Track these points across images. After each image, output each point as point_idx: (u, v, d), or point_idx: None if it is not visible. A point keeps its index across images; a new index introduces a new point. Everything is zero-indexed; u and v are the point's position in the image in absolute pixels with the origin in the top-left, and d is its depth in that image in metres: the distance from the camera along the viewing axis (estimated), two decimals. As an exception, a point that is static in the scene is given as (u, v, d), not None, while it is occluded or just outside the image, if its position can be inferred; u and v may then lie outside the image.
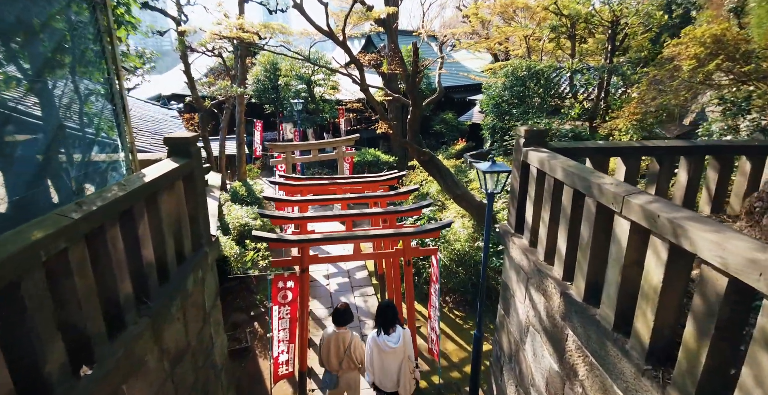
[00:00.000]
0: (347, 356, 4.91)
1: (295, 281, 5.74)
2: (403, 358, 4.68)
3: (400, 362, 4.68)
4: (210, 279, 4.28)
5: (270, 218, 6.10)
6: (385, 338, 4.63)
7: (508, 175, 5.29)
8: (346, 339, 4.93)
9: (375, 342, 4.67)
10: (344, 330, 4.95)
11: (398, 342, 4.61)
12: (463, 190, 9.27)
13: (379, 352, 4.65)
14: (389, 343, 4.59)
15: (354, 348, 4.91)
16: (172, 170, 3.49)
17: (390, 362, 4.65)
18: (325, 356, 5.01)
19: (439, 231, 5.83)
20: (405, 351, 4.69)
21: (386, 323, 4.65)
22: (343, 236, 5.65)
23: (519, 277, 4.26)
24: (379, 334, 4.67)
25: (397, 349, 4.59)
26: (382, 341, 4.62)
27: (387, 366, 4.66)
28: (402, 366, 4.69)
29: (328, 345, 4.95)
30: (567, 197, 3.34)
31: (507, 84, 11.79)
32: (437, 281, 6.26)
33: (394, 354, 4.63)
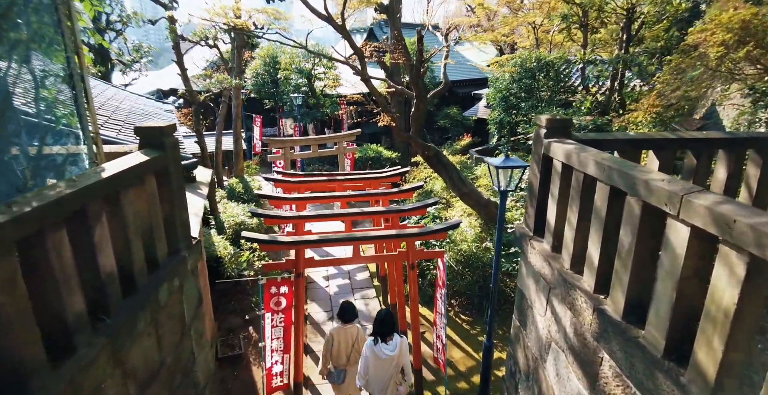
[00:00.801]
0: (354, 350, 5.04)
1: (289, 286, 5.27)
2: (396, 367, 4.70)
3: (395, 370, 4.69)
4: (190, 287, 3.81)
5: (263, 217, 5.64)
6: (382, 346, 4.59)
7: (524, 171, 4.79)
8: (354, 334, 5.06)
9: (372, 349, 4.61)
10: (350, 325, 5.05)
11: (395, 350, 4.59)
12: (470, 187, 8.77)
13: (375, 359, 4.60)
14: (386, 351, 4.56)
15: (361, 342, 5.02)
16: (141, 164, 3.01)
17: (384, 369, 4.63)
18: (335, 352, 5.05)
19: (445, 233, 5.35)
20: (400, 359, 4.68)
21: (384, 332, 4.60)
22: (341, 237, 5.17)
23: (538, 286, 3.76)
24: (377, 343, 4.62)
25: (393, 357, 4.58)
26: (379, 349, 4.58)
27: (380, 373, 4.64)
28: (393, 376, 4.71)
29: (337, 342, 5.01)
30: (601, 196, 2.84)
31: (515, 76, 11.26)
32: (444, 286, 5.77)
33: (389, 362, 4.60)
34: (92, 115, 3.31)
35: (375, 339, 4.62)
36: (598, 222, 2.88)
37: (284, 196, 6.55)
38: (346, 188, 7.54)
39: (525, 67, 10.88)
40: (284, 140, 11.66)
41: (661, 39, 10.15)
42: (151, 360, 3.12)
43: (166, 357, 3.34)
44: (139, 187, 3.08)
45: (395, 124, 7.98)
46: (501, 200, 4.96)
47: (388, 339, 4.59)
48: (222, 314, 8.24)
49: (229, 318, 8.09)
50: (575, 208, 3.18)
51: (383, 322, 4.60)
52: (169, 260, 3.46)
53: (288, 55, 16.76)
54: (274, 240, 4.89)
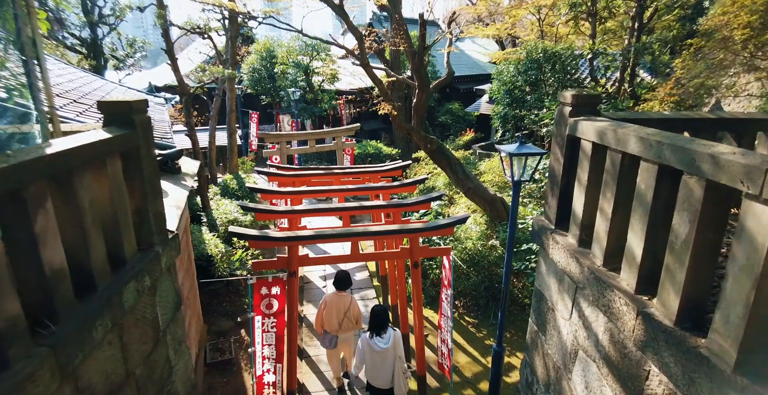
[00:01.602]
0: (346, 317, 5.43)
1: (281, 286, 4.80)
2: (394, 358, 4.82)
3: (392, 361, 4.83)
4: (166, 288, 3.35)
5: (253, 211, 5.19)
6: (377, 339, 4.75)
7: (540, 159, 4.33)
8: (346, 302, 5.42)
9: (367, 343, 4.79)
10: (344, 293, 5.43)
11: (388, 342, 4.74)
12: (475, 182, 8.31)
13: (371, 352, 4.79)
14: (380, 344, 4.73)
15: (352, 310, 5.46)
16: (100, 143, 2.55)
17: (381, 361, 4.80)
18: (327, 319, 5.41)
19: (452, 228, 4.89)
20: (395, 351, 4.82)
21: (379, 326, 4.77)
22: (339, 233, 4.72)
23: (562, 286, 3.31)
24: (372, 337, 4.77)
25: (387, 349, 4.74)
26: (374, 342, 4.75)
27: (378, 365, 4.83)
28: (395, 366, 4.84)
29: (330, 309, 5.37)
30: (647, 177, 2.38)
31: (521, 68, 10.81)
32: (450, 286, 5.32)
33: (384, 354, 4.77)
34: (47, 88, 2.85)
35: (370, 333, 4.78)
36: (642, 210, 2.42)
37: (278, 189, 6.09)
38: (344, 182, 7.09)
39: (531, 58, 10.42)
40: (280, 135, 11.20)
41: (673, 28, 9.71)
42: (114, 372, 2.65)
43: (133, 368, 2.88)
44: (98, 169, 2.63)
45: (396, 113, 7.52)
46: (514, 191, 4.50)
47: (382, 332, 4.74)
48: (212, 316, 7.77)
49: (219, 320, 7.61)
50: (610, 195, 2.72)
51: (378, 317, 4.76)
52: (139, 257, 3.00)
53: (285, 49, 16.29)
54: (264, 236, 4.43)
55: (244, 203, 5.29)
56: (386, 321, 4.79)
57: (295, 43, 16.19)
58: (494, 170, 9.84)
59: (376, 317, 4.75)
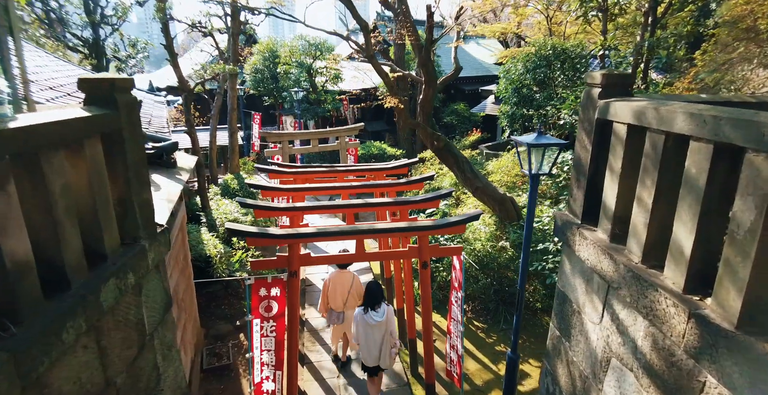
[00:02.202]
0: (350, 294, 5.63)
1: (281, 287, 4.50)
2: (385, 332, 5.00)
3: (383, 335, 5.00)
4: (153, 287, 3.05)
5: (252, 208, 4.90)
6: (371, 313, 4.91)
7: (559, 151, 4.03)
8: (349, 279, 5.62)
9: (362, 317, 4.95)
10: (346, 271, 5.65)
11: (383, 316, 4.92)
12: (483, 181, 8.00)
13: (365, 326, 4.95)
14: (374, 317, 4.89)
15: (355, 286, 5.65)
16: (76, 121, 2.27)
17: (374, 335, 4.97)
18: (332, 296, 5.69)
19: (464, 226, 4.58)
20: (388, 325, 5.00)
21: (373, 300, 4.92)
22: (342, 230, 4.41)
23: (590, 286, 2.99)
24: (366, 311, 4.93)
25: (381, 323, 4.92)
26: (369, 316, 4.90)
27: (371, 339, 4.98)
28: (384, 339, 5.01)
29: (334, 286, 5.63)
30: (698, 159, 2.08)
31: (529, 66, 10.52)
32: (460, 288, 5.00)
33: (378, 328, 4.94)
34: (21, 65, 2.57)
35: (365, 308, 4.95)
36: (692, 197, 2.11)
37: (278, 186, 5.80)
38: (348, 180, 6.79)
39: (540, 55, 10.14)
40: (282, 134, 10.94)
41: (688, 24, 9.41)
42: (90, 381, 2.35)
43: (114, 375, 2.57)
44: (74, 152, 2.34)
45: (402, 107, 7.24)
46: (532, 185, 4.19)
47: (377, 306, 4.92)
48: (210, 319, 7.46)
49: (217, 324, 7.30)
50: (650, 182, 2.41)
51: (372, 292, 4.95)
52: (121, 252, 2.70)
53: (288, 49, 16.07)
54: (262, 233, 4.13)
55: (243, 199, 5.01)
56: (380, 296, 5.00)
57: (298, 43, 15.98)
58: (503, 169, 9.53)
59: (371, 292, 4.97)
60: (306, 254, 4.44)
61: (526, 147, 3.98)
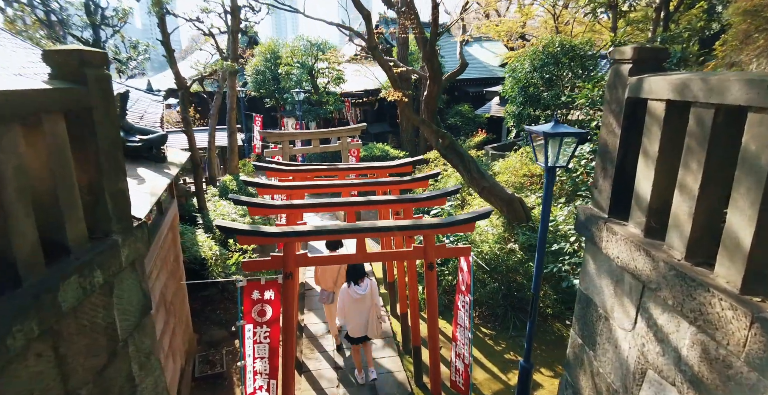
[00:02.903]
0: (340, 275, 5.83)
1: (276, 290, 4.17)
2: (370, 305, 5.23)
3: (369, 308, 5.22)
4: (128, 287, 2.72)
5: (246, 205, 4.59)
6: (355, 288, 5.14)
7: (578, 142, 3.70)
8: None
9: (347, 292, 5.18)
10: (336, 253, 5.65)
11: (366, 289, 5.15)
12: (490, 181, 7.68)
13: (351, 300, 5.17)
14: (358, 291, 5.12)
15: (344, 267, 5.61)
16: (31, 93, 1.96)
17: (360, 308, 5.18)
18: (323, 277, 5.96)
19: (473, 224, 4.25)
20: (372, 298, 5.24)
21: (356, 276, 5.16)
22: (343, 228, 4.09)
23: (621, 287, 2.65)
24: (350, 285, 5.17)
25: (365, 296, 5.15)
26: (353, 290, 5.13)
27: (357, 312, 5.19)
28: (370, 311, 5.22)
29: (324, 267, 5.87)
30: (760, 133, 1.74)
31: (536, 64, 10.22)
32: (469, 292, 4.65)
33: (363, 301, 5.17)
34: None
35: (348, 282, 5.18)
36: (753, 179, 1.78)
37: (275, 184, 5.48)
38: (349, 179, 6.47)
39: (547, 52, 9.84)
40: (282, 134, 10.66)
41: (701, 19, 9.11)
42: (46, 394, 2.02)
43: (77, 387, 2.24)
44: (30, 129, 2.03)
45: (405, 100, 6.94)
46: (548, 180, 3.85)
47: (360, 281, 5.15)
48: (204, 324, 7.12)
49: (212, 329, 6.96)
50: (696, 165, 2.08)
51: (354, 268, 5.14)
52: (89, 247, 2.39)
53: (289, 49, 15.85)
54: (255, 230, 3.81)
55: (236, 196, 4.70)
56: (362, 271, 5.20)
57: (299, 43, 15.76)
58: (510, 169, 9.20)
59: (354, 268, 5.19)
60: (302, 255, 4.11)
61: (542, 137, 3.65)
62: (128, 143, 4.44)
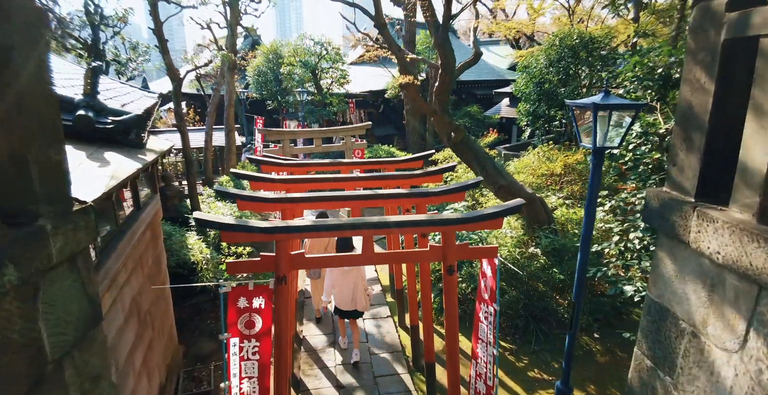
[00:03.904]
0: (326, 250, 5.94)
1: (267, 297, 3.51)
2: (358, 277, 5.33)
3: (356, 280, 5.32)
4: (65, 290, 2.07)
5: (232, 198, 3.96)
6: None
7: (634, 117, 3.04)
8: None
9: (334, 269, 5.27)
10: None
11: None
12: (509, 179, 7.03)
13: (339, 272, 5.29)
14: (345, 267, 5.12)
15: (332, 243, 5.83)
16: None
17: (348, 280, 5.30)
18: (309, 251, 5.86)
19: (501, 220, 3.59)
20: (359, 271, 5.37)
21: (345, 248, 5.16)
22: (347, 224, 3.44)
23: (720, 293, 1.97)
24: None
25: (352, 269, 5.24)
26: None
27: (345, 284, 5.32)
28: (357, 284, 5.34)
29: (313, 243, 5.96)
30: None
31: (553, 58, 9.62)
32: (493, 301, 3.97)
33: (350, 274, 5.29)
34: None
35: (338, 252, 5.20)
36: None
37: (270, 177, 4.86)
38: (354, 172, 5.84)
39: (565, 45, 9.25)
40: (283, 132, 10.07)
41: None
42: None
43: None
44: None
45: (418, 83, 6.33)
46: (594, 164, 3.19)
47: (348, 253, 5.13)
48: (193, 336, 6.44)
49: (200, 341, 6.28)
50: None
51: (344, 241, 5.18)
52: (2, 234, 1.74)
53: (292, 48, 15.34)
54: (240, 225, 3.17)
55: (223, 187, 4.08)
56: (351, 244, 5.24)
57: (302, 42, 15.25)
58: (527, 169, 8.54)
59: (343, 241, 5.21)
60: (298, 255, 3.46)
61: (587, 112, 3.00)
62: (98, 125, 3.83)
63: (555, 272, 6.27)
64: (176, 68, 7.79)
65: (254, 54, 17.87)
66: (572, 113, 3.27)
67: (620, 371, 5.76)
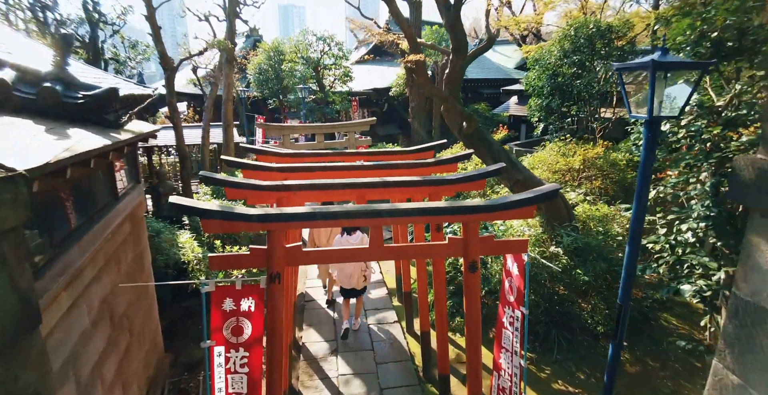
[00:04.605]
0: (331, 235, 6.06)
1: (258, 299, 2.98)
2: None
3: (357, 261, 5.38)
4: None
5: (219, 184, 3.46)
6: (348, 238, 5.46)
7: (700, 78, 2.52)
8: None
9: (339, 242, 5.50)
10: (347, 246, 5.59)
11: (356, 240, 5.44)
12: (525, 173, 6.50)
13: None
14: (351, 240, 5.43)
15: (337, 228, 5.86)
16: None
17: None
18: (316, 236, 6.22)
19: (533, 207, 3.06)
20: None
21: (350, 227, 5.36)
22: (352, 211, 2.92)
23: None
24: (343, 235, 5.51)
25: (356, 245, 5.20)
26: (345, 240, 5.45)
27: (347, 263, 5.44)
28: (359, 265, 5.54)
29: (318, 231, 6.20)
30: None
31: (568, 48, 9.13)
32: (521, 304, 3.43)
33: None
34: None
35: (342, 232, 5.52)
36: None
37: (266, 165, 4.34)
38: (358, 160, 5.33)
39: (580, 35, 8.75)
40: (283, 127, 9.58)
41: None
42: None
43: None
44: None
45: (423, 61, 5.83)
46: (648, 138, 2.66)
47: (352, 232, 5.45)
48: (183, 342, 5.91)
49: (190, 348, 5.74)
50: None
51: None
52: None
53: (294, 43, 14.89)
54: (223, 212, 2.66)
55: (209, 173, 3.57)
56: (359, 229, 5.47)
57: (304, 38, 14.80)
58: (544, 164, 8.01)
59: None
60: (294, 248, 2.93)
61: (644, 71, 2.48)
62: (66, 99, 3.34)
63: (579, 273, 5.72)
64: (170, 58, 7.32)
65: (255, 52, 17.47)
66: (620, 77, 2.75)
67: (653, 382, 5.20)
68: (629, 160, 7.68)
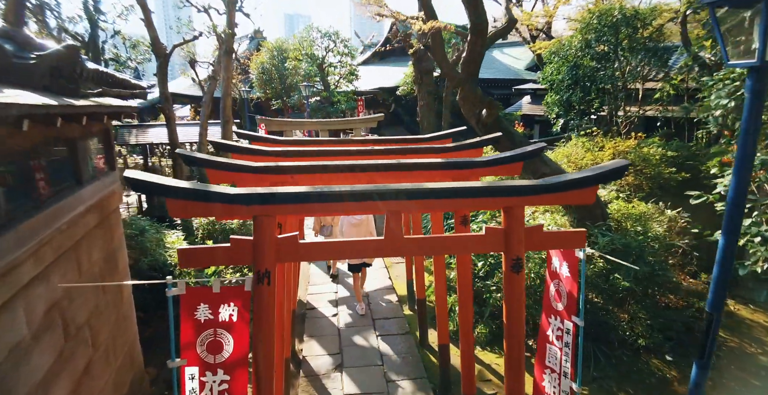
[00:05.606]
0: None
1: (241, 305, 2.33)
2: (365, 232, 5.78)
3: (364, 234, 5.71)
4: None
5: (204, 165, 2.84)
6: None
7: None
8: None
9: (345, 218, 5.78)
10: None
11: (361, 216, 5.71)
12: (552, 166, 5.85)
13: (349, 224, 5.76)
14: (356, 216, 5.65)
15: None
16: None
17: (356, 233, 5.69)
18: (323, 221, 6.61)
19: (596, 188, 2.40)
20: (368, 225, 5.88)
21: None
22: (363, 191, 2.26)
23: None
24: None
25: (362, 221, 5.76)
26: (350, 216, 5.60)
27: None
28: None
29: (321, 217, 6.56)
30: None
31: (590, 37, 8.52)
32: (573, 313, 2.76)
33: (359, 227, 5.75)
34: None
35: None
36: None
37: (260, 148, 3.70)
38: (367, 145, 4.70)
39: (604, 23, 8.14)
40: (285, 122, 8.98)
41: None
42: None
43: None
44: None
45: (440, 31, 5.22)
46: (753, 89, 2.00)
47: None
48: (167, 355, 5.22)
49: (175, 363, 5.05)
50: None
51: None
52: None
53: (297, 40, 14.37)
54: (194, 190, 2.02)
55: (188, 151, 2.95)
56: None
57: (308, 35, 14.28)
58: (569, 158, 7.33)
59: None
60: (288, 239, 2.27)
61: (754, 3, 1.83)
62: (16, 60, 2.73)
63: (618, 278, 5.02)
64: (161, 44, 6.76)
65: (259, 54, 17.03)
66: (712, 13, 2.10)
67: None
68: (662, 155, 7.00)
